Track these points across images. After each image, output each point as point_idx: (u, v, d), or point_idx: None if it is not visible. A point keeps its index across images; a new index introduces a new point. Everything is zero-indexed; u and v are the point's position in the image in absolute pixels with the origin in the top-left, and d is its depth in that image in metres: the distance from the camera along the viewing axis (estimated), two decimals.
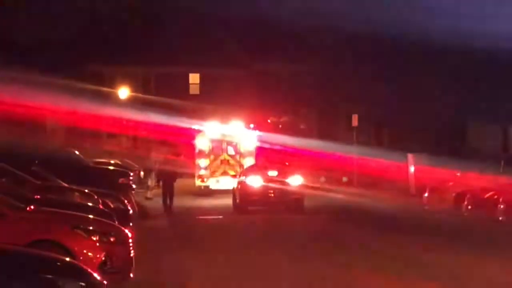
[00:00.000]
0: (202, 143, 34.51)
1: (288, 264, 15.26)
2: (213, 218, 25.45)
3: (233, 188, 28.65)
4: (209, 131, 34.97)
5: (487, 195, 22.57)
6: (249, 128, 35.73)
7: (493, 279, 13.47)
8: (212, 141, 34.47)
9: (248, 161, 34.07)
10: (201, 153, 34.39)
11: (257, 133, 36.23)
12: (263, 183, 26.76)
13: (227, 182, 32.98)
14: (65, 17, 48.26)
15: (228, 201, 29.17)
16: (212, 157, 34.10)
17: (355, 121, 40.44)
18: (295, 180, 27.15)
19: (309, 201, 27.51)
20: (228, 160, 34.27)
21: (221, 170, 33.86)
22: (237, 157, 34.67)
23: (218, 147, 34.33)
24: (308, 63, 56.17)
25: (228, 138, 34.60)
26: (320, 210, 27.66)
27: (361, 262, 15.30)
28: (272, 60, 58.08)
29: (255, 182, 26.86)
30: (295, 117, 61.19)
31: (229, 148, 34.47)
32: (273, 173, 27.49)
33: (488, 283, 13.18)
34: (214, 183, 34.13)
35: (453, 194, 24.93)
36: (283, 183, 26.81)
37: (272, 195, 26.59)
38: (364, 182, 34.03)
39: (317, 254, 16.77)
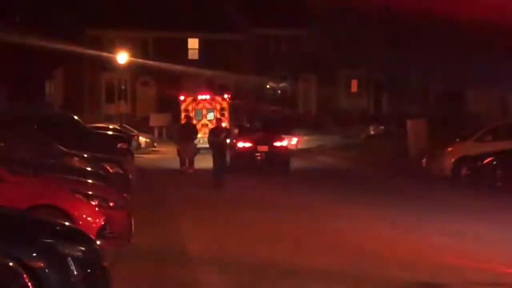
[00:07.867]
0: (187, 109, 40.17)
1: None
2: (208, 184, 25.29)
3: None
4: (193, 99, 40.94)
5: (486, 161, 22.56)
6: (224, 98, 41.16)
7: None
8: (196, 107, 40.74)
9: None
10: (186, 118, 37.49)
11: (233, 101, 42.30)
12: (251, 146, 27.60)
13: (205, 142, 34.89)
14: None
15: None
16: (195, 121, 37.41)
17: (354, 87, 40.47)
18: (283, 143, 27.92)
19: (300, 164, 28.01)
20: (207, 124, 39.13)
21: (201, 133, 36.84)
22: (214, 121, 38.29)
23: (199, 113, 40.68)
24: (308, 27, 55.96)
25: (208, 105, 40.90)
26: (307, 173, 28.08)
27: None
28: (272, 24, 57.82)
29: (243, 145, 27.81)
30: (295, 83, 61.08)
31: (209, 114, 40.52)
32: (261, 136, 28.53)
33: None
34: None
35: (452, 160, 24.95)
36: (271, 146, 27.42)
37: (259, 157, 27.28)
38: (362, 145, 34.20)
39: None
